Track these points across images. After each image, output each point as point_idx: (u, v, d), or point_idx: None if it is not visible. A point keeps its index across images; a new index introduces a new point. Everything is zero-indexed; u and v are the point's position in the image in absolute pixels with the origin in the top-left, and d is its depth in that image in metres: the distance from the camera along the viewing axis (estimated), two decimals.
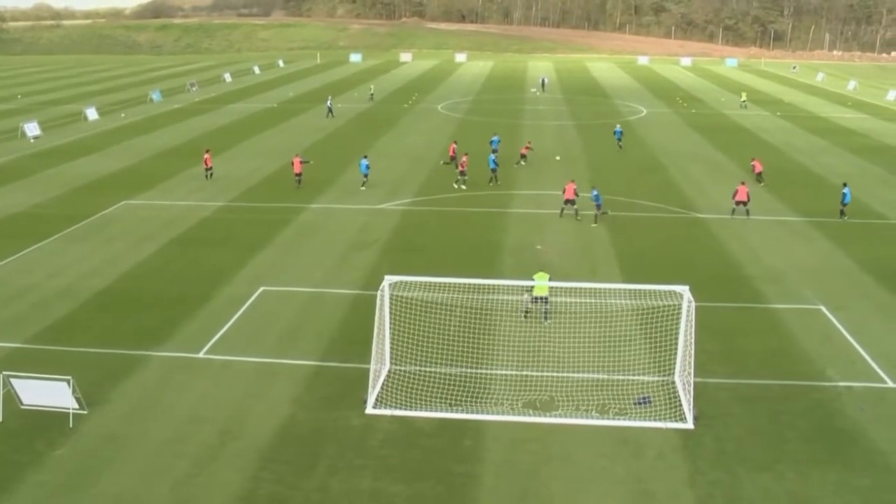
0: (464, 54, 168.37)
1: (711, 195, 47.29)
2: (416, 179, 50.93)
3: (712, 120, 79.89)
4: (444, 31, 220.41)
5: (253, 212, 43.25)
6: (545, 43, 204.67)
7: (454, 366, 24.69)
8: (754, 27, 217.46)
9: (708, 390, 23.40)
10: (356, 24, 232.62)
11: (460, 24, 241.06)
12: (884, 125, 78.14)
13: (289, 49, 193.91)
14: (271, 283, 32.39)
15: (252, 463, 19.97)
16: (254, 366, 25.23)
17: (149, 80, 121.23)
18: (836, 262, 35.56)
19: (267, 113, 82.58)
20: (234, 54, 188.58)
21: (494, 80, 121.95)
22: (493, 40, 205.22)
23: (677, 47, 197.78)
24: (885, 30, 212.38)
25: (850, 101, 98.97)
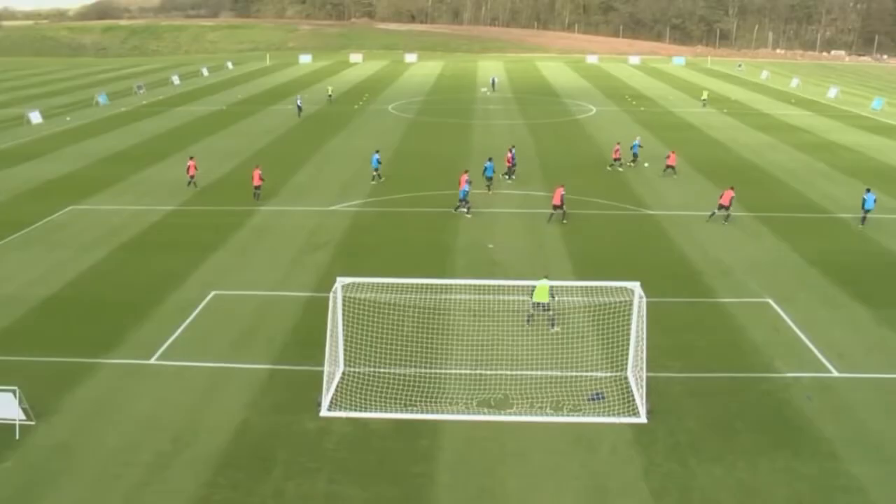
0: (414, 55, 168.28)
1: (661, 192, 47.88)
2: (367, 181, 50.76)
3: (661, 118, 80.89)
4: (394, 32, 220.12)
5: (203, 215, 42.76)
6: (495, 42, 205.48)
7: (408, 366, 24.68)
8: (701, 26, 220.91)
9: (660, 384, 23.69)
10: (306, 24, 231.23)
11: (410, 24, 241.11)
12: (826, 122, 79.84)
13: (238, 50, 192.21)
14: (223, 287, 32.06)
15: (206, 469, 19.75)
16: (206, 371, 24.96)
17: (94, 83, 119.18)
18: (782, 256, 36.24)
19: (216, 115, 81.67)
20: (183, 56, 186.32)
21: (445, 80, 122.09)
22: (443, 40, 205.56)
23: (626, 46, 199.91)
24: (824, 29, 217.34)
25: (793, 98, 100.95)
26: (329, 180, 50.90)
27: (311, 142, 65.03)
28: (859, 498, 18.72)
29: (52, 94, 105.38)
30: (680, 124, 76.66)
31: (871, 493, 18.89)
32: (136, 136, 69.13)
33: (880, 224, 41.37)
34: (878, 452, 20.57)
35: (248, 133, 70.13)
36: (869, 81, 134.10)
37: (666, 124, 76.11)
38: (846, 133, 72.54)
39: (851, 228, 40.60)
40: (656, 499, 18.65)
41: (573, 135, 69.58)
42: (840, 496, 18.77)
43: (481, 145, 62.72)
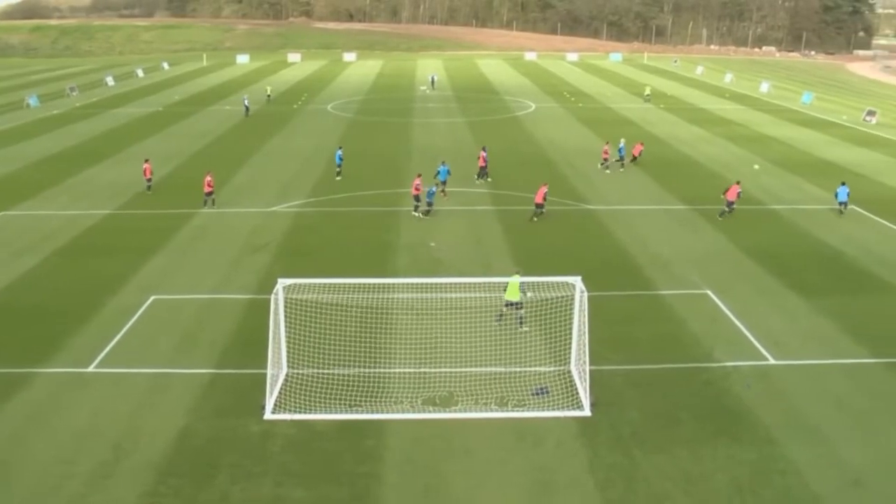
0: (353, 54, 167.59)
1: (600, 187, 48.44)
2: (307, 181, 50.43)
3: (599, 114, 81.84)
4: (333, 31, 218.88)
5: (141, 219, 41.99)
6: (434, 41, 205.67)
7: (352, 366, 24.57)
8: (637, 23, 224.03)
9: (603, 377, 23.96)
10: (242, 24, 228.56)
11: (348, 23, 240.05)
12: (759, 115, 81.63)
13: (173, 51, 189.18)
14: (162, 291, 31.53)
15: (148, 478, 19.38)
16: (147, 377, 24.51)
17: (24, 85, 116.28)
18: (720, 247, 36.93)
19: (153, 117, 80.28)
20: (117, 57, 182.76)
21: (384, 78, 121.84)
22: (382, 39, 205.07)
23: (564, 43, 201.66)
24: (755, 26, 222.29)
25: (727, 92, 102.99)
26: (269, 181, 50.43)
27: (251, 142, 64.33)
28: (796, 480, 19.19)
29: None
30: (619, 120, 77.63)
31: (807, 475, 19.38)
32: (70, 138, 67.60)
33: (811, 214, 42.44)
34: (813, 436, 21.11)
35: (186, 134, 69.08)
36: (798, 76, 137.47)
37: (605, 120, 77.00)
38: (778, 126, 74.28)
39: (785, 220, 41.51)
40: (601, 491, 18.87)
41: (513, 132, 70.01)
42: (778, 479, 19.22)
43: (422, 144, 62.81)
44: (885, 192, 47.91)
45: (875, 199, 45.85)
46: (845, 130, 72.75)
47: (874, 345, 26.56)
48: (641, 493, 18.74)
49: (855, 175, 52.82)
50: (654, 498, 18.57)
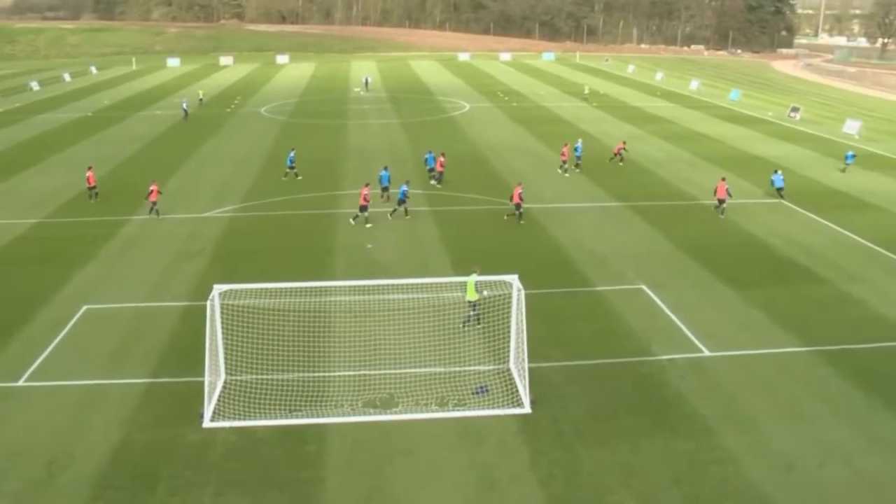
0: (285, 56, 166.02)
1: (535, 185, 48.82)
2: (241, 185, 49.83)
3: (533, 112, 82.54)
4: (265, 33, 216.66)
5: (71, 227, 41.00)
6: (367, 42, 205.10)
7: (292, 371, 24.35)
8: (569, 22, 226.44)
9: (542, 374, 24.17)
10: (173, 27, 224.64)
11: (281, 25, 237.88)
12: (689, 113, 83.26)
13: (102, 54, 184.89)
14: (95, 300, 30.82)
15: (84, 493, 18.89)
16: (81, 389, 23.92)
17: None
18: (654, 243, 37.56)
19: (82, 122, 78.42)
20: (42, 60, 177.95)
21: (317, 80, 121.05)
22: (315, 41, 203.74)
23: (497, 43, 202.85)
24: (684, 25, 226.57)
25: (658, 90, 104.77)
26: (203, 186, 49.68)
27: (183, 147, 63.27)
28: (732, 469, 19.61)
29: None
30: (552, 118, 78.40)
31: (743, 463, 19.84)
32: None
33: (741, 208, 43.40)
34: (748, 424, 21.61)
35: (117, 139, 67.58)
36: (726, 74, 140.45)
37: (538, 119, 77.69)
38: (708, 123, 75.86)
39: (715, 214, 42.35)
40: (544, 487, 19.02)
41: (448, 132, 70.20)
42: (716, 469, 19.62)
43: (357, 146, 62.59)
44: (809, 185, 49.26)
45: (800, 192, 47.13)
46: (771, 126, 74.66)
47: (803, 333, 27.31)
48: (583, 487, 18.95)
49: (781, 169, 54.15)
50: (595, 491, 18.80)
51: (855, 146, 63.18)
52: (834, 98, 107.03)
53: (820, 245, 37.32)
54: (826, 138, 67.96)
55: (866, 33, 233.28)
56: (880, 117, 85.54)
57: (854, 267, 34.33)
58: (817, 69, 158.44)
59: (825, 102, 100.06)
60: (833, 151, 61.24)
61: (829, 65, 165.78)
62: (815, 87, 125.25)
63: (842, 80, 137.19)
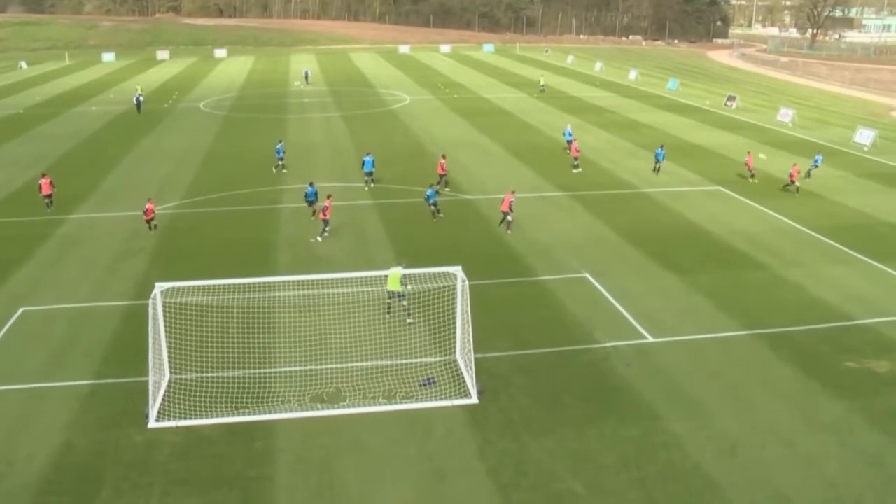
0: (224, 50, 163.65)
1: (478, 177, 48.97)
2: (181, 181, 49.01)
3: (474, 104, 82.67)
4: (202, 27, 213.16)
5: (6, 227, 39.86)
6: (307, 35, 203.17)
7: (237, 368, 24.07)
8: (508, 14, 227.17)
9: (489, 364, 24.27)
10: (107, 21, 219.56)
11: (218, 18, 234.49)
12: (628, 102, 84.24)
13: (32, 49, 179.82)
14: (32, 302, 30.03)
15: (26, 499, 18.40)
16: (18, 394, 23.28)
17: None
18: (596, 232, 37.93)
19: (12, 120, 76.26)
20: None
21: (257, 74, 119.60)
22: (254, 34, 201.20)
23: (436, 35, 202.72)
24: (622, 16, 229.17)
25: (598, 81, 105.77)
26: (142, 183, 48.70)
27: (121, 144, 61.92)
28: (678, 452, 19.93)
29: None
30: (493, 110, 78.63)
31: (689, 445, 20.18)
32: None
33: (681, 196, 44.11)
34: (693, 408, 21.98)
35: (50, 137, 65.81)
36: (664, 64, 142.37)
37: (479, 110, 77.85)
38: (646, 112, 76.86)
39: (657, 202, 42.95)
40: (493, 476, 19.10)
41: (389, 125, 69.99)
42: (661, 453, 19.90)
43: (298, 140, 61.95)
44: (746, 172, 50.19)
45: (737, 179, 48.10)
46: (709, 115, 75.94)
47: (744, 318, 27.86)
48: (531, 476, 19.06)
49: (719, 157, 55.26)
50: (543, 479, 18.94)
51: (789, 133, 64.65)
52: (768, 87, 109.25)
53: (758, 231, 38.08)
54: (762, 126, 69.35)
55: (797, 24, 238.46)
56: (812, 105, 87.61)
57: (792, 252, 35.11)
58: (751, 59, 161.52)
59: (760, 91, 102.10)
60: (769, 139, 62.52)
61: (763, 54, 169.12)
62: (750, 76, 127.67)
63: (775, 69, 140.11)
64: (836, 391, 22.96)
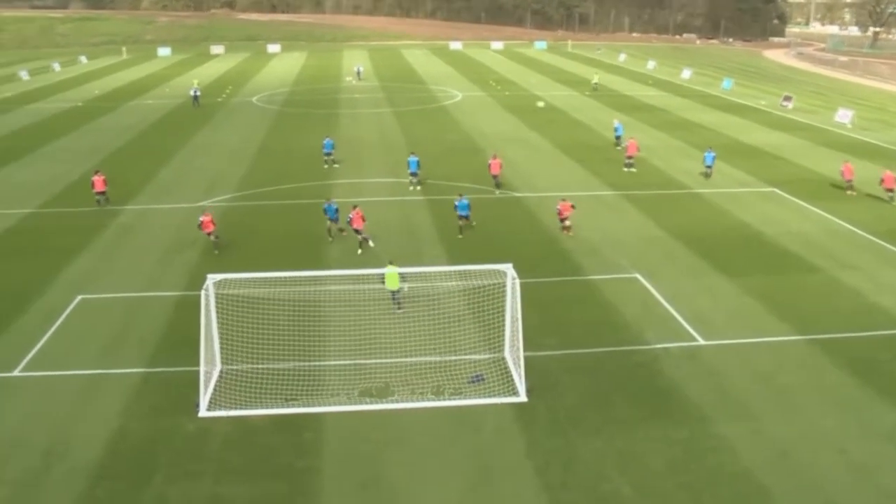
0: (277, 45, 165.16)
1: (528, 174, 48.84)
2: (234, 174, 49.68)
3: (526, 101, 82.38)
4: (256, 22, 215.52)
5: (64, 218, 40.84)
6: (359, 31, 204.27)
7: (287, 360, 24.35)
8: (560, 11, 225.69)
9: (537, 363, 24.23)
10: (163, 16, 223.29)
11: (272, 14, 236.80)
12: (680, 101, 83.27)
13: (91, 44, 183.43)
14: (89, 290, 30.75)
15: (82, 482, 18.93)
16: (77, 379, 23.92)
17: None
18: (647, 231, 37.62)
19: (72, 112, 77.97)
20: (31, 50, 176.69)
21: (309, 70, 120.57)
22: (307, 30, 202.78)
23: (488, 32, 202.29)
24: (676, 14, 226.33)
25: (650, 79, 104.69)
26: (196, 176, 49.55)
27: (175, 137, 63.00)
28: (728, 456, 19.72)
29: None
30: (545, 107, 78.21)
31: (738, 449, 19.95)
32: None
33: (734, 197, 43.53)
34: (743, 413, 21.72)
35: (108, 129, 67.25)
36: (718, 63, 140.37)
37: (530, 107, 77.54)
38: (700, 112, 75.89)
39: (709, 203, 42.46)
40: (540, 475, 19.10)
41: (440, 121, 70.09)
42: (710, 456, 19.72)
43: (349, 135, 62.36)
44: (801, 173, 49.36)
45: (793, 181, 47.29)
46: (764, 115, 74.72)
47: (797, 322, 27.42)
48: (579, 475, 19.03)
49: (774, 158, 54.39)
50: (591, 479, 18.88)
51: (847, 135, 63.40)
52: (826, 87, 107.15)
53: (813, 233, 37.44)
54: (819, 127, 68.07)
55: (857, 22, 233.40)
56: (873, 106, 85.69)
57: (847, 256, 34.45)
58: (809, 58, 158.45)
59: (817, 91, 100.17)
60: (826, 140, 61.38)
61: (821, 53, 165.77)
62: (807, 75, 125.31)
63: (833, 69, 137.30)
64: (893, 399, 22.50)
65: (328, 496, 18.48)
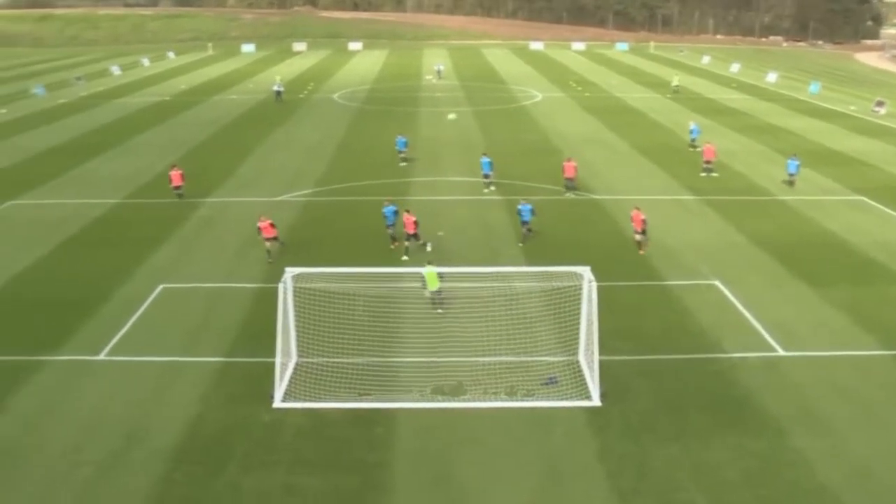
0: (358, 43, 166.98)
1: (606, 176, 48.36)
2: (314, 170, 50.41)
3: (605, 102, 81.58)
4: (338, 20, 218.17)
5: (148, 209, 42.05)
6: (440, 30, 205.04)
7: (361, 355, 24.60)
8: (643, 12, 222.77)
9: (611, 367, 23.96)
10: (248, 13, 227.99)
11: (354, 12, 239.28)
12: (765, 105, 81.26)
13: (179, 40, 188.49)
14: (171, 280, 31.62)
15: (160, 465, 19.53)
16: (157, 365, 24.64)
17: (31, 74, 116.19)
18: (728, 237, 36.87)
19: (160, 106, 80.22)
20: (123, 46, 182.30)
21: (390, 68, 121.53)
22: (388, 28, 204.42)
23: (569, 32, 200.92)
24: (763, 15, 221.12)
25: (734, 82, 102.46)
26: (276, 170, 50.45)
27: (257, 132, 64.25)
28: (805, 471, 19.21)
29: None
30: (624, 108, 77.39)
31: (816, 466, 19.40)
32: (77, 128, 67.62)
33: (819, 204, 42.35)
34: (821, 427, 21.13)
35: (192, 123, 69.06)
36: (806, 66, 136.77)
37: (611, 109, 76.77)
38: (785, 116, 73.94)
39: (793, 210, 41.41)
40: (612, 479, 18.93)
41: (519, 121, 69.87)
42: (787, 470, 19.24)
43: (428, 134, 62.67)
44: (891, 181, 47.73)
45: (882, 188, 45.75)
46: (854, 121, 72.38)
47: (882, 336, 26.52)
48: (652, 482, 18.79)
49: (862, 164, 52.69)
50: (664, 487, 18.63)
51: None
52: None
53: None
54: None
55: None
56: None
57: None
58: None
59: None
60: None
61: None
62: None
63: None
64: None
65: (399, 492, 18.63)
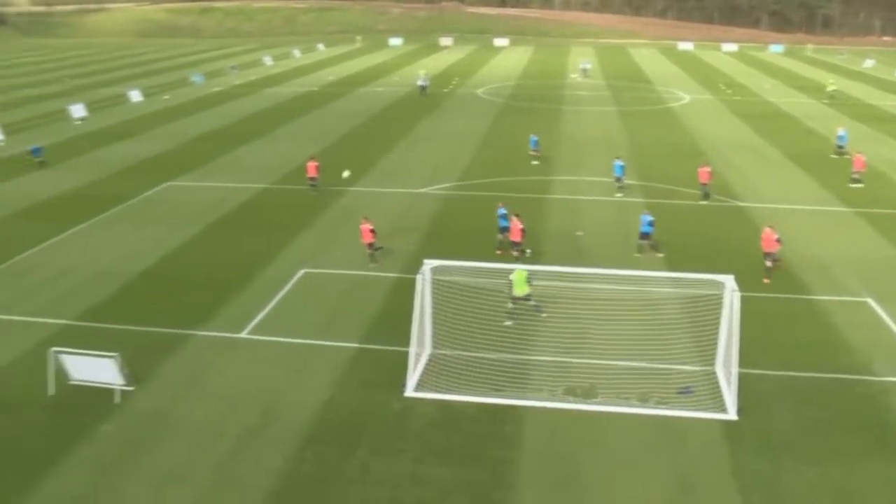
0: (504, 39, 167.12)
1: (754, 183, 46.62)
2: (457, 164, 50.82)
3: (756, 107, 78.65)
4: (485, 16, 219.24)
5: (293, 195, 43.46)
6: (586, 28, 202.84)
7: (495, 351, 24.65)
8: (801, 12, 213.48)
9: (750, 381, 23.10)
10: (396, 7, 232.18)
11: (500, 8, 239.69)
12: None
13: (329, 32, 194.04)
14: (312, 265, 32.60)
15: (293, 443, 20.19)
16: (295, 347, 25.47)
17: (190, 63, 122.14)
18: (882, 252, 34.91)
19: (308, 97, 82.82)
20: (275, 38, 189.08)
21: (535, 65, 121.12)
22: (534, 25, 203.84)
23: (720, 33, 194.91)
24: None
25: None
26: (419, 163, 51.18)
27: (401, 124, 65.40)
28: None
29: (151, 73, 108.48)
30: (777, 114, 74.39)
31: None
32: (230, 115, 70.70)
33: None
34: None
35: (338, 114, 71.01)
36: None
37: (762, 114, 73.96)
38: None
39: None
40: (744, 496, 18.26)
41: (665, 123, 68.24)
42: None
43: (571, 132, 62.10)
44: None
45: None
46: None
47: None
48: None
49: None
50: None
51: None
52: None
53: None
54: None
55: None
56: None
57: None
58: None
59: None
60: None
61: None
62: None
63: None
64: None
65: (524, 490, 18.57)
